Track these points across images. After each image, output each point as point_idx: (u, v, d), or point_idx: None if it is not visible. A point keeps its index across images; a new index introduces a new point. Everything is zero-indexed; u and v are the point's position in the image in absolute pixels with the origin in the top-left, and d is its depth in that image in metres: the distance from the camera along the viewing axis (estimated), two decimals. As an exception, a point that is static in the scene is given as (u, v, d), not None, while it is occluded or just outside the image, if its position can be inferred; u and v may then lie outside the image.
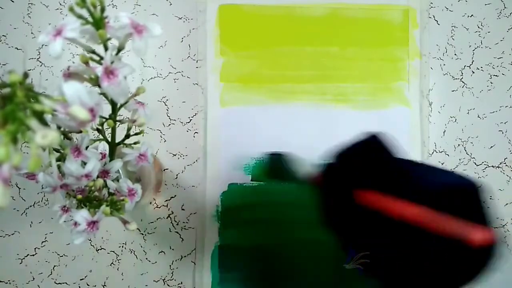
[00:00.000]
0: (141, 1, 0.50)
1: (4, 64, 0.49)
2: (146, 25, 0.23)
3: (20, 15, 0.49)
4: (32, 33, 0.49)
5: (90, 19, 0.23)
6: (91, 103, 0.18)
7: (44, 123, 0.20)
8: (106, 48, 0.23)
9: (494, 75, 0.51)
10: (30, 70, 0.49)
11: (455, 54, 0.51)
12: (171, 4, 0.50)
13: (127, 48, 0.24)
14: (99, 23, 0.22)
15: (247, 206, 0.49)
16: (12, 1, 0.49)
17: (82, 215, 0.26)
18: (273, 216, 0.48)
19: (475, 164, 0.50)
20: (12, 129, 0.15)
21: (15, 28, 0.49)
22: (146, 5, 0.50)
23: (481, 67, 0.51)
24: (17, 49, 0.49)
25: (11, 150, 0.15)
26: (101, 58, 0.24)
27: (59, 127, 0.25)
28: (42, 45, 0.49)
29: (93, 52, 0.25)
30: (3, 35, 0.49)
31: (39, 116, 0.18)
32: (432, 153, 0.50)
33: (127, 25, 0.22)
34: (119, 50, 0.24)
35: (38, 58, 0.49)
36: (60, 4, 0.50)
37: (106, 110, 0.28)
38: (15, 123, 0.15)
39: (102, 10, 0.22)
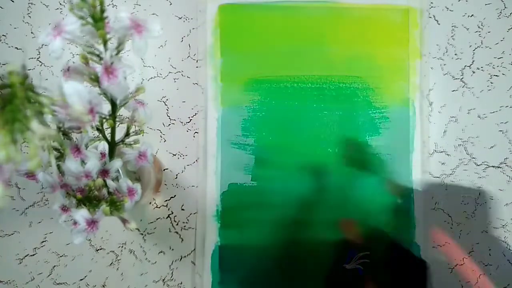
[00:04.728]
0: (141, 1, 0.50)
1: (4, 64, 0.49)
2: (146, 24, 0.23)
3: (20, 14, 0.49)
4: (32, 33, 0.49)
5: (90, 19, 0.23)
6: (91, 103, 0.18)
7: (43, 120, 0.20)
8: (106, 48, 0.23)
9: (494, 75, 0.51)
10: (30, 70, 0.49)
11: (455, 54, 0.51)
12: (171, 4, 0.50)
13: (127, 48, 0.24)
14: (99, 23, 0.22)
15: (247, 206, 0.48)
16: (12, 1, 0.49)
17: (82, 215, 0.26)
18: (273, 216, 0.48)
19: (476, 164, 0.50)
20: (11, 129, 0.15)
21: (15, 28, 0.49)
22: (146, 5, 0.50)
23: (481, 67, 0.51)
24: (17, 49, 0.49)
25: (12, 150, 0.15)
26: (101, 58, 0.24)
27: (59, 127, 0.25)
28: (42, 45, 0.49)
29: (93, 51, 0.25)
30: (3, 35, 0.49)
31: (39, 114, 0.17)
32: (432, 153, 0.50)
33: (127, 24, 0.21)
34: (119, 49, 0.23)
35: (38, 58, 0.49)
36: (60, 4, 0.50)
37: (106, 110, 0.28)
38: (15, 123, 0.15)
39: (102, 11, 0.22)
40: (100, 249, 0.48)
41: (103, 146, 0.31)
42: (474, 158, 0.50)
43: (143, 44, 0.22)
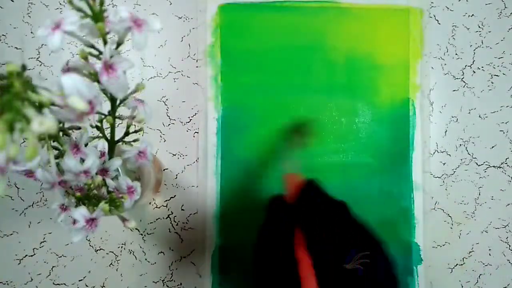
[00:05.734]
0: (141, 1, 0.50)
1: (4, 64, 0.49)
2: (146, 19, 0.23)
3: (20, 14, 0.49)
4: (32, 32, 0.49)
5: (89, 13, 0.23)
6: (90, 95, 0.18)
7: (42, 120, 0.19)
8: (105, 42, 0.23)
9: (495, 75, 0.51)
10: (29, 69, 0.49)
11: (456, 54, 0.51)
12: (171, 4, 0.50)
13: (127, 47, 0.24)
14: (98, 16, 0.22)
15: (247, 206, 0.48)
16: (12, 1, 0.49)
17: (81, 213, 0.26)
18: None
19: (477, 164, 0.50)
20: (8, 118, 0.15)
21: (15, 28, 0.49)
22: (146, 4, 0.50)
23: (482, 67, 0.51)
24: (17, 48, 0.49)
25: (9, 141, 0.15)
26: (101, 53, 0.24)
27: (59, 127, 0.25)
28: (42, 45, 0.49)
29: (92, 46, 0.25)
30: (3, 35, 0.49)
31: (37, 107, 0.17)
32: (434, 153, 0.50)
33: (126, 18, 0.21)
34: (119, 44, 0.23)
35: (37, 58, 0.49)
36: (60, 4, 0.50)
37: (106, 109, 0.28)
38: (12, 112, 0.15)
39: (102, 3, 0.22)
40: (100, 249, 0.48)
41: (103, 144, 0.31)
42: (475, 158, 0.50)
43: (143, 38, 0.22)
